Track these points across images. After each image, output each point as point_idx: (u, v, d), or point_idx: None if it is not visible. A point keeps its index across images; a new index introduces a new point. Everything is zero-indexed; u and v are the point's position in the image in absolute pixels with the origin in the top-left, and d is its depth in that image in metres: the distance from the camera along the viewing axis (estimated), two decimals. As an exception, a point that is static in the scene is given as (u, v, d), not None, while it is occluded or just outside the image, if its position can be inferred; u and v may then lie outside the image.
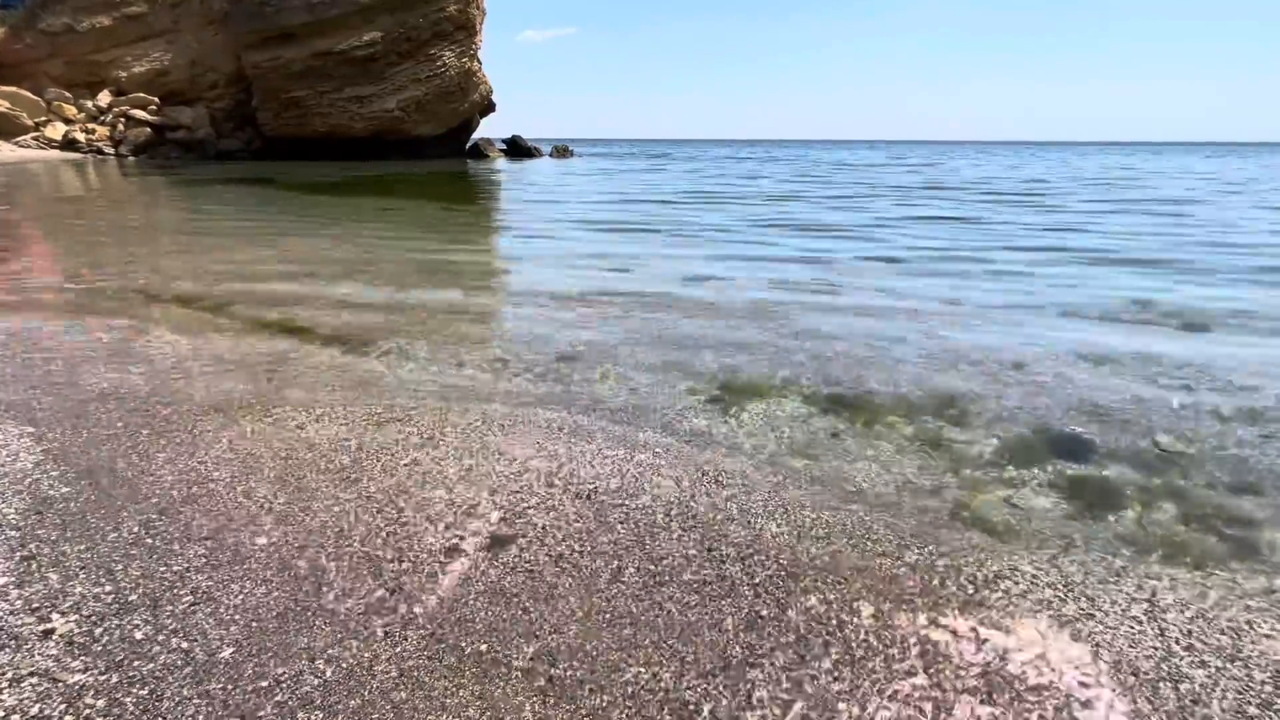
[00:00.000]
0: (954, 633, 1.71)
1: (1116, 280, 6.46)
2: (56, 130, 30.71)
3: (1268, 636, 1.72)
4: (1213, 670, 1.61)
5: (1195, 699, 1.52)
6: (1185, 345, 4.30)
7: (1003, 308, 5.29)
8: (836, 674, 1.57)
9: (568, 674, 1.56)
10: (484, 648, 1.64)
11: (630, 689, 1.53)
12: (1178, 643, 1.69)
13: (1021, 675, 1.57)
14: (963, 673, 1.58)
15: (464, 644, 1.65)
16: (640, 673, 1.57)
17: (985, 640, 1.68)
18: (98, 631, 1.67)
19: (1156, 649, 1.67)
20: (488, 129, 43.84)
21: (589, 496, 2.35)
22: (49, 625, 1.69)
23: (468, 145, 40.22)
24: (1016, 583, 1.92)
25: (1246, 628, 1.76)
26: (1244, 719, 1.47)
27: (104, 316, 4.65)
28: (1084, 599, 1.85)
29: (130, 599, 1.79)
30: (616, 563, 1.98)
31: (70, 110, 31.88)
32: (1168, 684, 1.56)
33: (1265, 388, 3.50)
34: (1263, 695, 1.54)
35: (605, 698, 1.50)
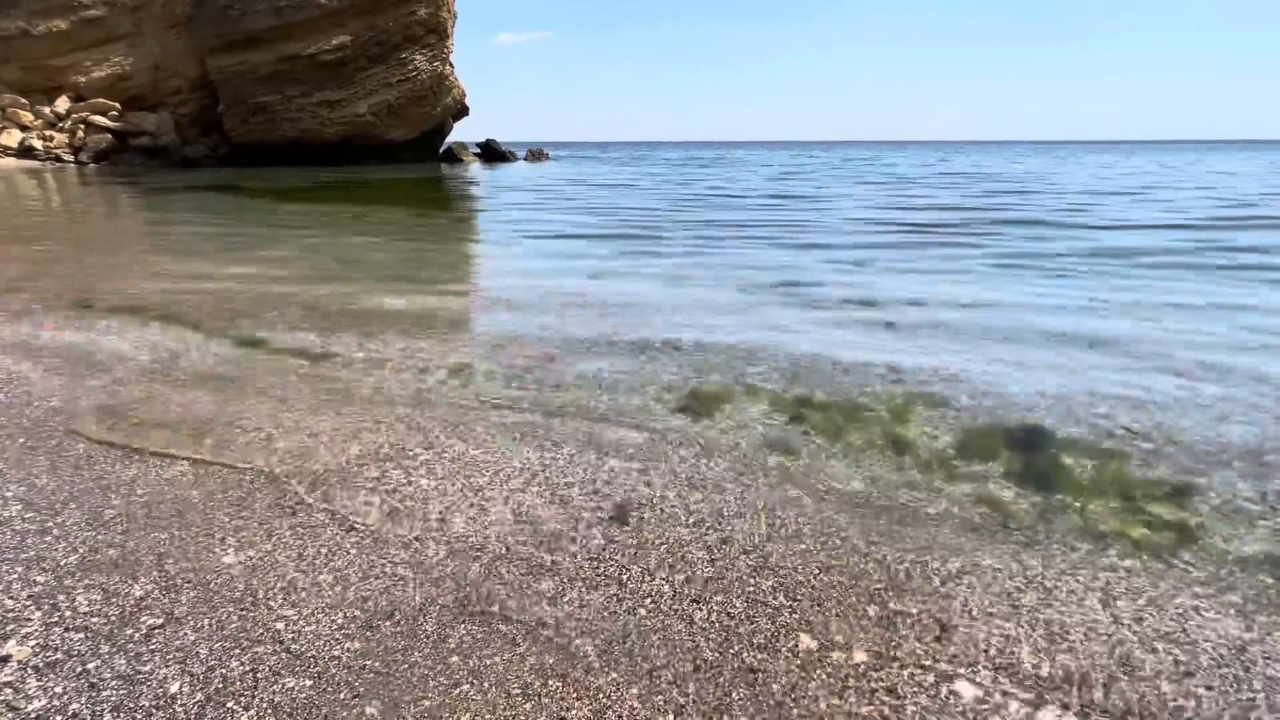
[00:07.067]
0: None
1: None
2: (12, 137, 29.71)
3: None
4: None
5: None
6: None
7: None
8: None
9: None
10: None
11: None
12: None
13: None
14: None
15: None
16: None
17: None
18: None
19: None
20: (462, 132, 43.44)
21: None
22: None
23: (441, 149, 39.79)
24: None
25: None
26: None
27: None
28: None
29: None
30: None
31: (27, 117, 30.86)
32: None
33: None
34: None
35: None
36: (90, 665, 1.64)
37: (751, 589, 1.98)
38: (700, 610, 1.89)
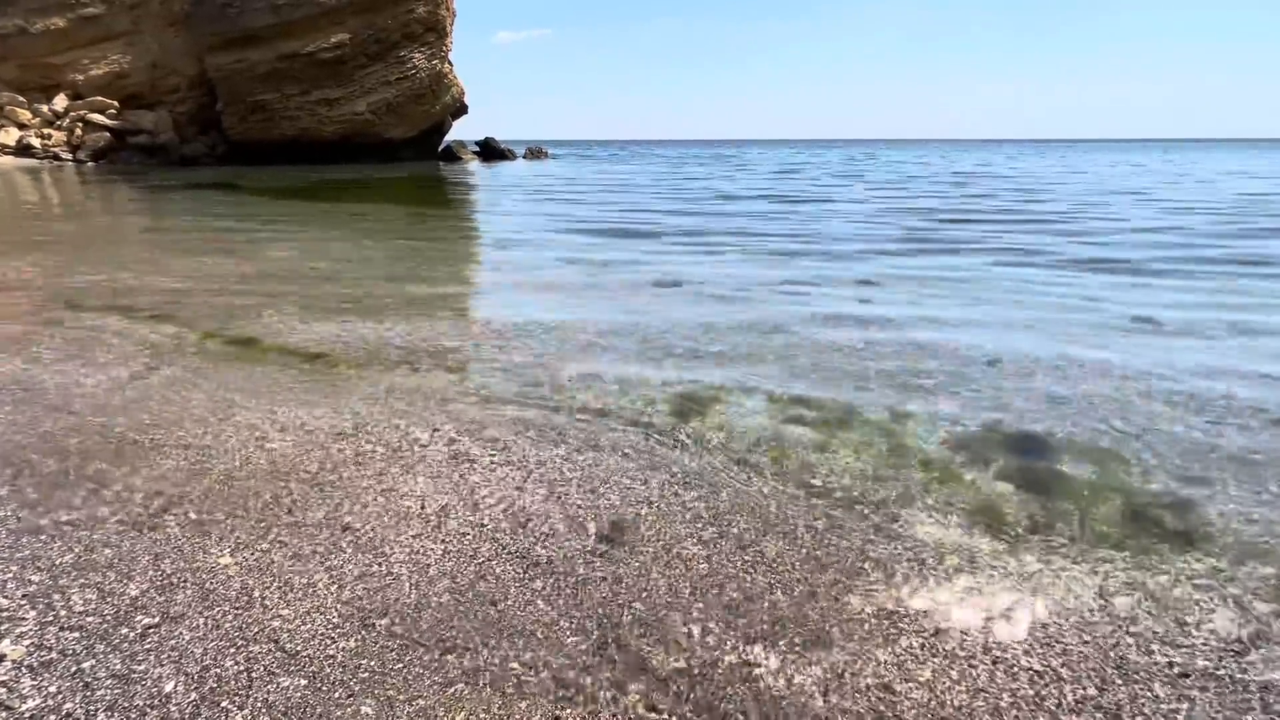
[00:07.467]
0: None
1: None
2: (10, 135, 29.65)
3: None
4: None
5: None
6: None
7: None
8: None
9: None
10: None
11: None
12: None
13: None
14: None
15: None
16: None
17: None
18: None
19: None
20: (461, 130, 43.38)
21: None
22: None
23: (440, 148, 39.75)
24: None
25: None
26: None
27: None
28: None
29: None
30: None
31: (24, 115, 30.80)
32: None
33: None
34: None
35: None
36: (85, 664, 1.64)
37: (748, 585, 1.98)
38: (696, 607, 1.89)
